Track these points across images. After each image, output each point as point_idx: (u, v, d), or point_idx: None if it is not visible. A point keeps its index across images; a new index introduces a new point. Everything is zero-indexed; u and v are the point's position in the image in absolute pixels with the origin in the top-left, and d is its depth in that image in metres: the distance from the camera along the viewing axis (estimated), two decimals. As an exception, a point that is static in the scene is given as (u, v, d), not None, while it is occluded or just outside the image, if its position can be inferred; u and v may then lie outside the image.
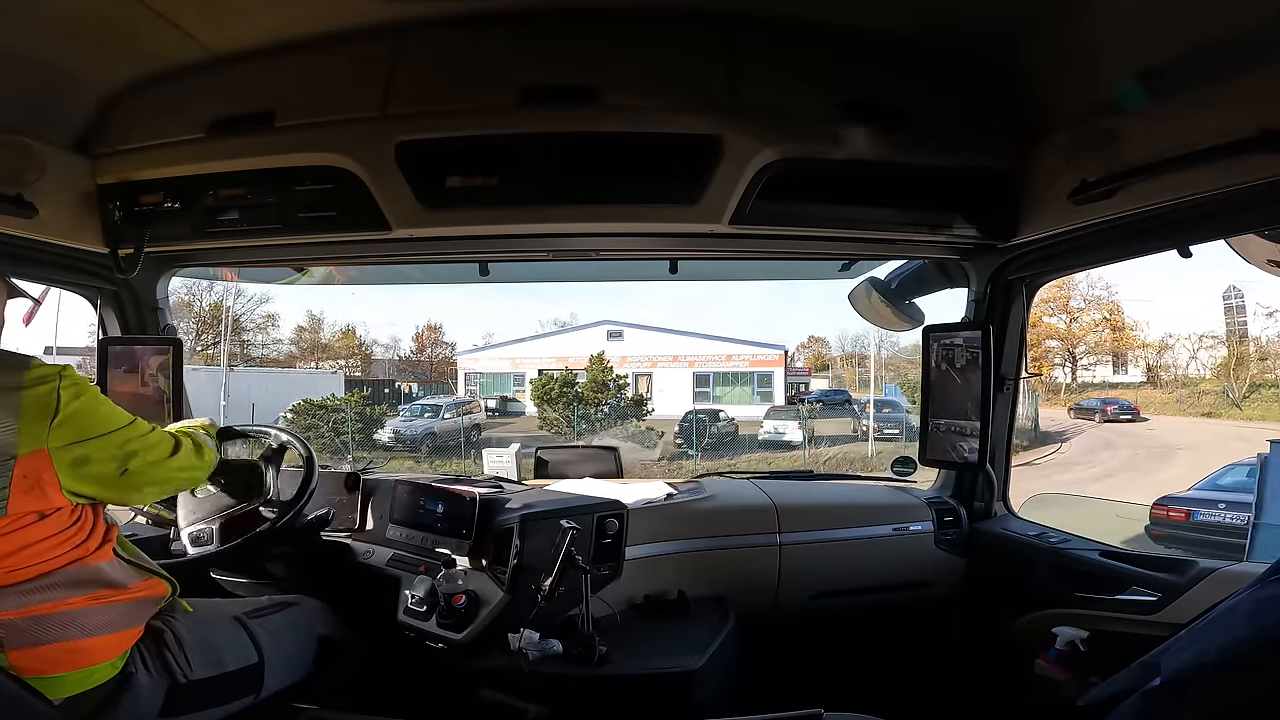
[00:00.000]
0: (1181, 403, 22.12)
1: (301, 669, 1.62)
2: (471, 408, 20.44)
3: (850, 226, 1.88)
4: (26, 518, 1.11)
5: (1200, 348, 23.36)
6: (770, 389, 22.68)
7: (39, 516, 1.14)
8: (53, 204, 1.76)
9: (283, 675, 1.52)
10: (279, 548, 1.89)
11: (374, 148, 1.70)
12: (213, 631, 1.40)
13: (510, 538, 1.76)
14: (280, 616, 1.60)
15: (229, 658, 1.38)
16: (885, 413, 19.10)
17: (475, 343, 27.09)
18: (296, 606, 1.70)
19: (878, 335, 22.69)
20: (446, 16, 1.66)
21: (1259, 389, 21.44)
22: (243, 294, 22.25)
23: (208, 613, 1.46)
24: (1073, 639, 1.84)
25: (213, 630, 1.40)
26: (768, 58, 1.70)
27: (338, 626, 1.78)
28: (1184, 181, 1.45)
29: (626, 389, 19.54)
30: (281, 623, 1.59)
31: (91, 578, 1.20)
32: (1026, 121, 1.75)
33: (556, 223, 1.84)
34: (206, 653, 1.34)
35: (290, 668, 1.56)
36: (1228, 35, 1.28)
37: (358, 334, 27.11)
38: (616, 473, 2.62)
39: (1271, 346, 22.23)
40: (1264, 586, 0.93)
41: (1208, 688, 0.92)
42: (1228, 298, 22.49)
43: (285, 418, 16.36)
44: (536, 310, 34.96)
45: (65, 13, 1.50)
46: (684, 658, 1.77)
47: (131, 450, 1.26)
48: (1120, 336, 24.95)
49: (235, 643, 1.42)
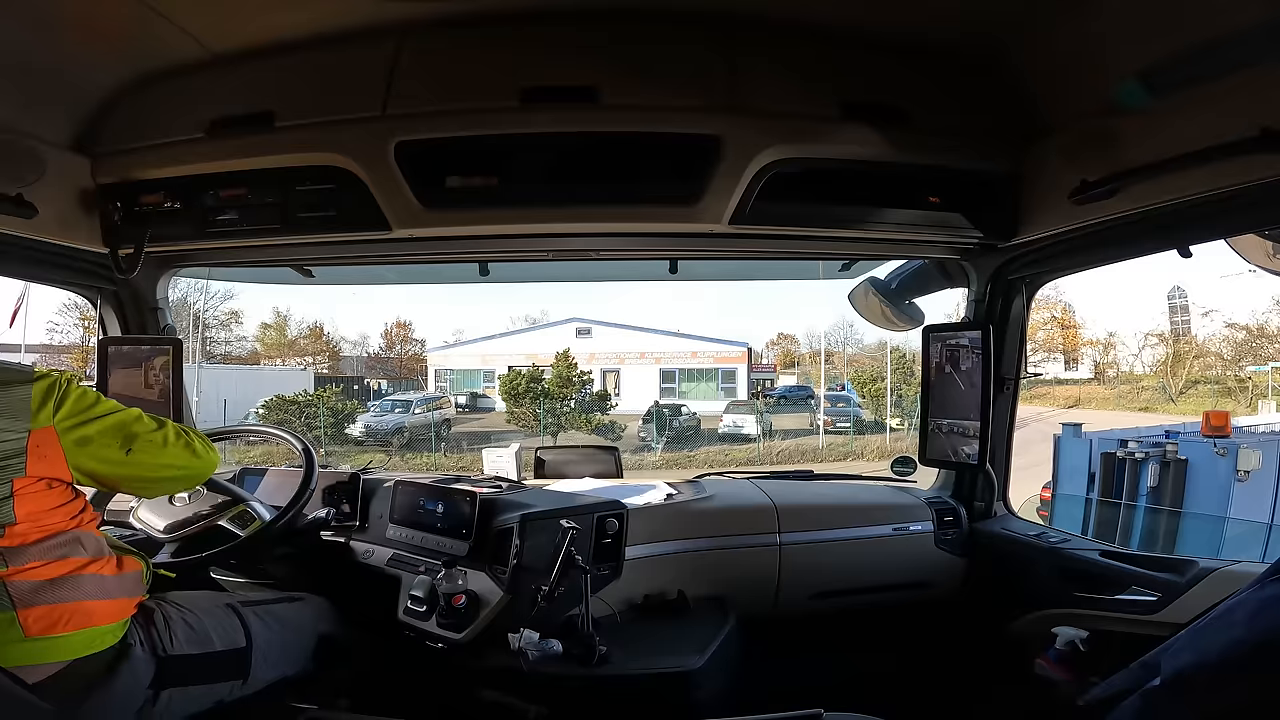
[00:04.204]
0: (1122, 398, 22.95)
1: (298, 663, 1.63)
2: (442, 403, 20.68)
3: (850, 226, 1.87)
4: (39, 484, 1.26)
5: (1144, 345, 24.34)
6: (734, 385, 23.23)
7: (48, 485, 1.27)
8: (53, 204, 1.75)
9: (274, 665, 1.54)
10: (279, 548, 1.89)
11: (374, 148, 1.70)
12: (202, 613, 1.46)
13: (510, 538, 1.76)
14: (278, 608, 1.63)
15: (216, 639, 1.44)
16: (839, 407, 19.97)
17: (446, 339, 27.36)
18: (300, 603, 1.71)
19: (841, 333, 24.55)
20: (446, 16, 1.66)
21: (1196, 385, 22.34)
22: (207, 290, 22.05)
23: (201, 598, 1.53)
24: (1073, 639, 1.84)
25: (202, 612, 1.46)
26: (768, 58, 1.69)
27: (341, 626, 1.78)
28: (1184, 181, 1.45)
29: (591, 385, 19.93)
30: (277, 614, 1.61)
31: (89, 545, 1.32)
32: (1026, 121, 1.74)
33: (556, 223, 1.84)
34: (193, 631, 1.41)
35: (284, 659, 1.58)
36: (1227, 35, 1.28)
37: (325, 331, 27.14)
38: (616, 473, 2.62)
39: (1209, 344, 23.14)
40: (1264, 586, 0.93)
41: (1208, 688, 0.91)
42: (1172, 297, 23.22)
43: (257, 414, 16.66)
44: (508, 307, 35.07)
45: (65, 12, 1.50)
46: (684, 658, 1.77)
47: (132, 433, 1.37)
48: (1069, 335, 25.66)
49: (224, 626, 1.47)
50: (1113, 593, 1.89)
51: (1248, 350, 22.36)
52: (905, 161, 1.77)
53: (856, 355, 24.94)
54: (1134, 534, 6.30)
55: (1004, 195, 1.83)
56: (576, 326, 23.50)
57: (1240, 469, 5.99)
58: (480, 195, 1.75)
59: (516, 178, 1.75)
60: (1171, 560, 1.84)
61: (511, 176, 1.74)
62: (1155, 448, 6.43)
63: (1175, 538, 6.08)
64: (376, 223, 1.76)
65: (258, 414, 16.82)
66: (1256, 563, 1.88)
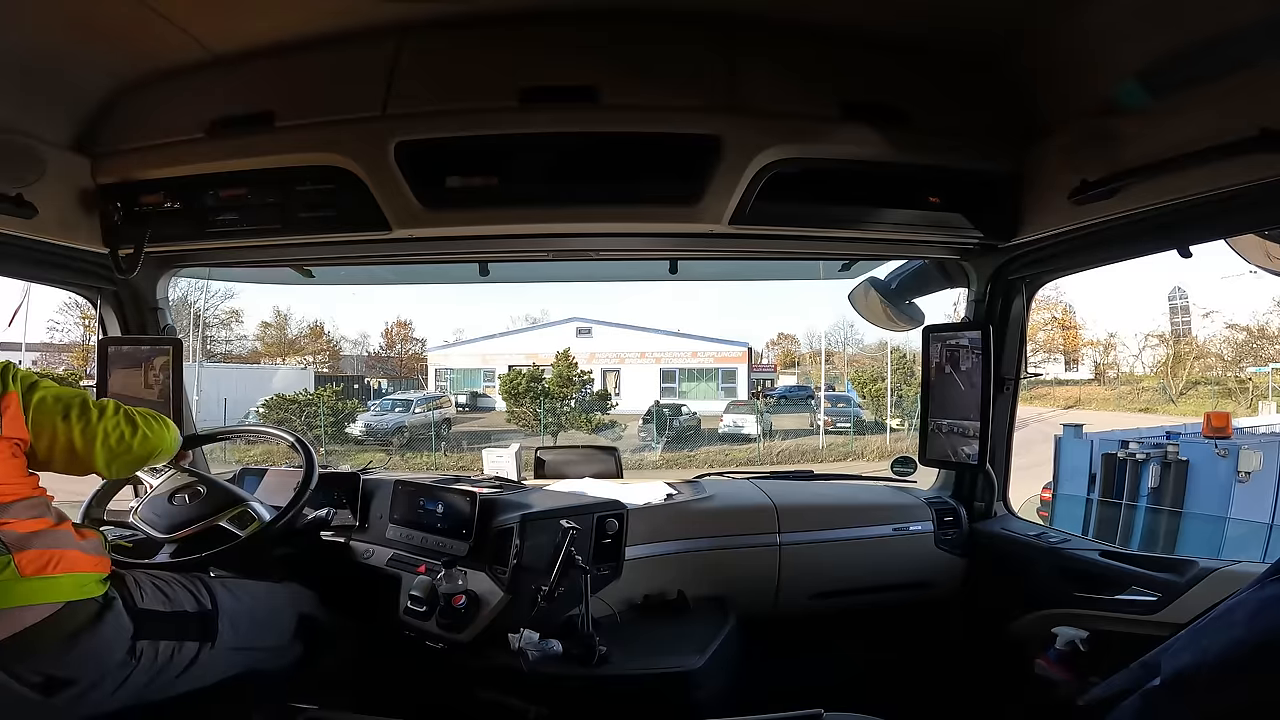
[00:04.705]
0: (1122, 399, 22.96)
1: (271, 638, 1.66)
2: (442, 403, 20.61)
3: (850, 226, 1.87)
4: (8, 445, 1.37)
5: (1145, 346, 24.31)
6: (734, 385, 23.16)
7: (13, 451, 1.38)
8: (53, 204, 1.75)
9: (243, 635, 1.57)
10: (279, 548, 1.89)
11: (374, 148, 1.70)
12: (169, 579, 1.54)
13: (510, 538, 1.76)
14: (249, 584, 1.68)
15: (183, 601, 1.51)
16: (840, 407, 19.96)
17: (446, 339, 27.28)
18: (278, 584, 1.75)
19: (841, 333, 24.37)
20: (446, 16, 1.66)
21: (1196, 385, 22.27)
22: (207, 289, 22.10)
23: (168, 570, 1.61)
24: (1073, 639, 1.84)
25: (169, 578, 1.55)
26: (768, 58, 1.69)
27: (324, 611, 1.80)
28: (1184, 181, 1.45)
29: (591, 385, 19.94)
30: (249, 589, 1.66)
31: (53, 512, 1.40)
32: (1026, 121, 1.75)
33: (556, 223, 1.84)
34: (160, 593, 1.49)
35: (254, 632, 1.61)
36: (1227, 34, 1.28)
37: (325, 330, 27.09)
38: (616, 473, 2.62)
39: (1209, 345, 23.10)
40: (1264, 586, 0.93)
41: (1207, 688, 0.91)
42: (1172, 298, 23.22)
43: (257, 413, 16.68)
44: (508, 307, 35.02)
45: (65, 12, 1.50)
46: (684, 658, 1.77)
47: (71, 403, 1.48)
48: (1069, 335, 25.70)
49: (190, 591, 1.54)
50: (1113, 593, 1.89)
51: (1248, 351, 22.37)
52: (905, 161, 1.77)
53: (857, 355, 25.02)
54: (1134, 534, 6.30)
55: (1004, 195, 1.83)
56: (577, 326, 23.47)
57: (1241, 470, 5.99)
58: (480, 195, 1.75)
59: (516, 178, 1.75)
60: (1171, 560, 1.84)
61: (511, 176, 1.75)
62: (1156, 448, 6.42)
63: (1176, 538, 6.08)
64: (376, 223, 1.76)
65: (258, 413, 16.87)
66: (1256, 563, 1.88)
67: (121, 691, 1.36)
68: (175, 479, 1.84)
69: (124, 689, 1.36)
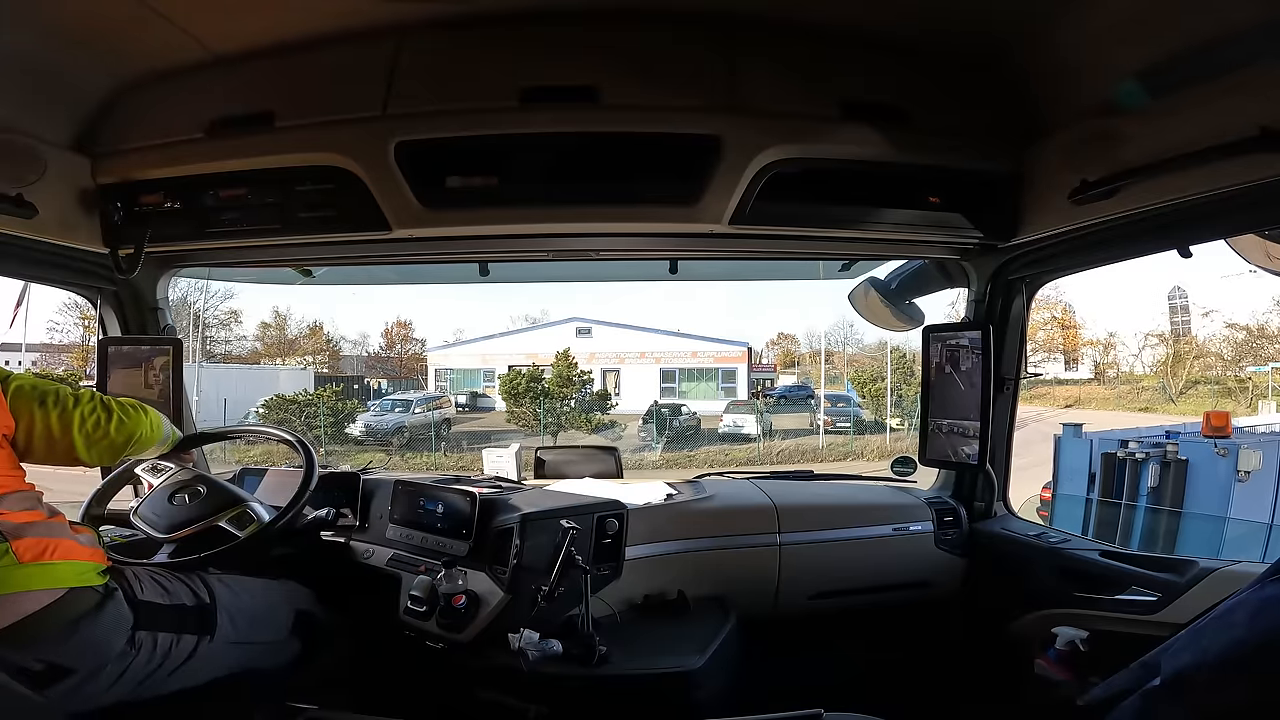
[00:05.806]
0: (1122, 399, 23.06)
1: (270, 633, 1.66)
2: (442, 403, 20.65)
3: (850, 226, 1.87)
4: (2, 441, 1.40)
5: (1144, 346, 24.43)
6: (734, 384, 23.21)
7: (4, 440, 1.41)
8: (53, 204, 1.75)
9: (241, 630, 1.58)
10: (279, 549, 1.89)
11: (374, 148, 1.70)
12: (167, 574, 1.56)
13: (510, 538, 1.76)
14: (247, 580, 1.68)
15: (180, 593, 1.52)
16: (840, 407, 20.00)
17: (446, 339, 27.33)
18: (275, 581, 1.75)
19: (841, 333, 24.53)
20: (447, 16, 1.66)
21: (1196, 385, 22.37)
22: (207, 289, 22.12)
23: (166, 567, 1.62)
24: (1073, 639, 1.84)
25: (168, 573, 1.56)
26: (768, 58, 1.69)
27: (321, 609, 1.80)
28: (1184, 181, 1.45)
29: (591, 385, 19.98)
30: (247, 586, 1.66)
31: (44, 506, 1.41)
32: (1026, 121, 1.74)
33: (556, 223, 1.84)
34: (159, 587, 1.50)
35: (252, 627, 1.61)
36: (1227, 34, 1.28)
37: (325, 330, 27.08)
38: (616, 473, 2.61)
39: (1209, 345, 23.21)
40: (1264, 586, 0.93)
41: (1208, 688, 0.91)
42: (1172, 298, 23.29)
43: (257, 413, 16.69)
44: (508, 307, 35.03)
45: (65, 13, 1.50)
46: (684, 658, 1.77)
47: (46, 392, 1.50)
48: (1069, 335, 25.76)
49: (187, 584, 1.55)
50: (1113, 593, 1.89)
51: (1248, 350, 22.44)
52: (905, 161, 1.77)
53: (856, 355, 25.08)
54: (1134, 534, 6.31)
55: (1004, 195, 1.83)
56: (576, 326, 23.52)
57: (1240, 469, 6.01)
58: (480, 195, 1.75)
59: (516, 178, 1.75)
60: (1171, 560, 1.84)
61: (511, 176, 1.74)
62: (1155, 448, 6.44)
63: (1175, 538, 6.09)
64: (376, 223, 1.76)
65: (258, 413, 16.91)
66: (1256, 563, 1.88)
67: (120, 683, 1.36)
68: (175, 478, 1.84)
69: (123, 680, 1.36)
